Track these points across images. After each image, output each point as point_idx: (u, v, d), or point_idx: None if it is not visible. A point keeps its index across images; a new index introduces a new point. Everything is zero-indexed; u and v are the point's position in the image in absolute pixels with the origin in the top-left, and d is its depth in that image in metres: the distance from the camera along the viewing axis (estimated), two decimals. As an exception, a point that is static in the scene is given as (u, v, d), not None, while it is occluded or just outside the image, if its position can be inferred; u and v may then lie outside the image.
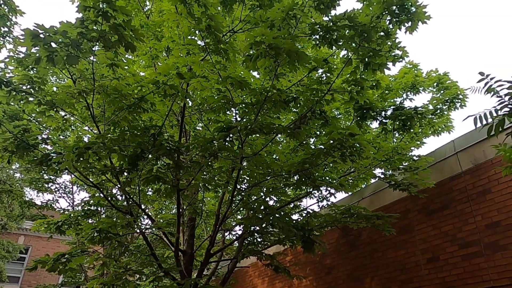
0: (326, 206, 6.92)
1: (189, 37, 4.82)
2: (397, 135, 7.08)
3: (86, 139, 8.92)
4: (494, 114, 2.95)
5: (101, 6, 3.90)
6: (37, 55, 4.24)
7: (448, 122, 8.17)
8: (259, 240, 6.82)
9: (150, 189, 8.13)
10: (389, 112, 6.21)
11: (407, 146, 6.04)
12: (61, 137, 8.35)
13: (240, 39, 6.73)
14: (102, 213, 7.73)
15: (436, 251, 5.79)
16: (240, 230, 7.81)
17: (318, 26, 4.53)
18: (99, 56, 4.50)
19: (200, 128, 8.07)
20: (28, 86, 5.36)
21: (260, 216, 5.50)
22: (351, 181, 7.18)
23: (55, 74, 6.41)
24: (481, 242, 5.21)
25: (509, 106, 2.82)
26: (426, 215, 6.14)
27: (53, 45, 4.07)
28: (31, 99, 5.45)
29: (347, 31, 4.60)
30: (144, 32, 7.20)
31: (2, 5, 4.63)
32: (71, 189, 12.95)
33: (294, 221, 5.68)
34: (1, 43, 5.04)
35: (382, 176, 6.20)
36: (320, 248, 5.62)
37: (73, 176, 6.76)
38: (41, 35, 3.94)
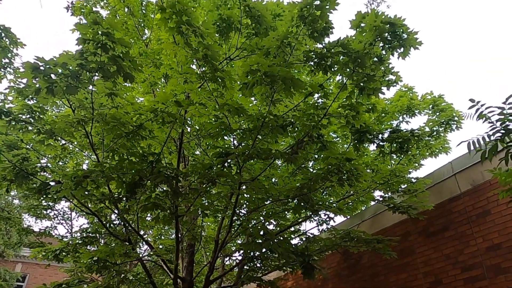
0: (326, 230, 6.87)
1: (187, 66, 4.91)
2: (394, 157, 7.12)
3: (85, 166, 8.95)
4: (487, 139, 2.99)
5: (100, 38, 4.00)
6: (37, 85, 4.32)
7: (445, 143, 8.22)
8: (259, 265, 6.74)
9: (149, 215, 8.10)
10: (386, 135, 6.26)
11: (405, 168, 6.06)
12: (59, 163, 8.38)
13: (237, 65, 6.86)
14: (100, 239, 7.66)
15: (439, 274, 5.72)
16: (240, 255, 7.73)
17: (312, 53, 4.63)
18: (98, 86, 4.58)
19: (199, 153, 8.10)
20: (28, 116, 5.42)
21: (260, 242, 5.46)
22: (350, 204, 7.17)
23: (55, 104, 6.51)
24: (483, 265, 5.16)
25: (501, 131, 2.87)
26: (427, 237, 6.09)
27: (53, 76, 4.15)
28: (30, 128, 5.50)
29: (341, 57, 4.70)
30: (143, 59, 7.35)
31: (4, 38, 4.74)
32: (69, 216, 12.86)
33: (293, 246, 5.64)
34: (1, 74, 5.13)
35: (381, 199, 6.19)
36: (321, 273, 5.55)
37: (71, 202, 6.75)
38: (41, 67, 4.02)
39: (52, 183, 5.72)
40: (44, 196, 5.82)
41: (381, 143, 6.29)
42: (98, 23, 3.97)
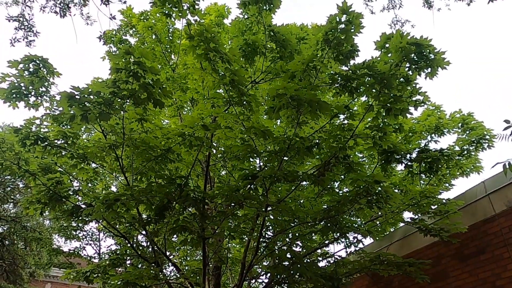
0: (354, 252, 6.72)
1: (214, 91, 5.04)
2: (424, 177, 6.95)
3: (113, 188, 9.17)
4: (524, 161, 2.90)
5: (132, 67, 4.17)
6: (72, 112, 4.52)
7: (477, 162, 7.98)
8: (286, 288, 6.63)
9: (175, 236, 8.17)
10: (414, 155, 6.14)
11: (435, 189, 5.89)
12: (89, 184, 8.63)
13: (262, 88, 6.95)
14: (128, 260, 7.77)
15: (475, 301, 5.47)
16: (267, 278, 7.64)
17: (338, 75, 4.66)
18: (129, 112, 4.74)
19: (224, 174, 8.17)
20: (62, 141, 5.65)
21: (286, 264, 5.39)
22: (379, 225, 7.01)
23: (88, 130, 6.76)
24: (523, 291, 4.91)
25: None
26: (461, 261, 5.86)
27: (87, 104, 4.34)
28: (64, 153, 5.72)
29: (367, 79, 4.70)
30: (170, 84, 7.57)
31: (42, 68, 5.00)
32: (97, 236, 13.11)
33: (322, 270, 5.54)
34: (39, 102, 5.39)
35: (411, 221, 6.03)
36: (351, 298, 5.41)
37: (100, 224, 6.91)
38: (76, 96, 4.21)
39: (83, 206, 5.89)
40: (76, 218, 5.99)
41: (409, 163, 6.17)
42: (130, 53, 4.15)
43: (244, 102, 4.88)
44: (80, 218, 6.00)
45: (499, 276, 5.28)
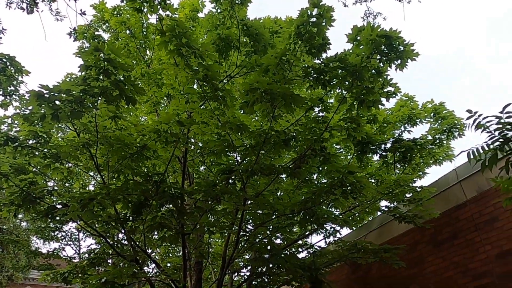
0: (333, 242, 6.84)
1: (188, 86, 5.00)
2: (398, 167, 7.11)
3: (91, 187, 9.02)
4: (486, 149, 3.01)
5: (102, 64, 4.09)
6: (42, 111, 4.41)
7: (449, 151, 8.21)
8: (267, 281, 6.70)
9: (155, 233, 8.12)
10: (388, 145, 6.28)
11: (409, 177, 6.05)
12: (66, 184, 8.46)
13: (237, 82, 6.94)
14: (108, 260, 7.68)
15: (449, 283, 5.66)
16: (248, 271, 7.70)
17: (311, 69, 4.70)
18: (101, 110, 4.67)
19: (203, 170, 8.14)
20: (34, 141, 5.51)
21: (267, 257, 5.45)
22: (356, 215, 7.14)
23: (60, 129, 6.62)
24: (494, 272, 5.11)
25: (500, 140, 2.89)
26: (436, 246, 6.05)
27: (57, 102, 4.24)
28: (36, 153, 5.59)
29: (340, 71, 4.76)
30: (145, 80, 7.47)
31: (9, 67, 4.86)
32: (77, 236, 12.90)
33: (301, 261, 5.62)
34: (7, 101, 5.24)
35: (387, 209, 6.18)
36: (329, 287, 5.52)
37: (78, 224, 6.80)
38: (46, 95, 4.12)
39: (59, 206, 5.77)
40: (51, 219, 5.87)
41: (384, 154, 6.30)
42: (100, 50, 4.08)
43: (219, 97, 4.88)
44: (57, 218, 5.89)
45: (471, 259, 5.47)
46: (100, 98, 4.41)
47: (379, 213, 7.71)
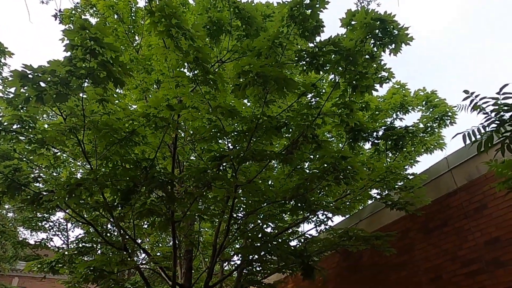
0: (324, 230, 6.83)
1: (178, 70, 4.87)
2: (390, 155, 7.10)
3: (79, 175, 8.85)
4: (482, 131, 2.97)
5: (88, 44, 3.94)
6: (26, 94, 4.25)
7: (440, 139, 8.24)
8: (258, 269, 6.67)
9: (145, 222, 8.02)
10: (380, 133, 6.24)
11: (400, 165, 6.04)
12: (54, 173, 8.27)
13: (228, 68, 6.82)
14: (97, 249, 7.56)
15: (438, 270, 5.69)
16: (239, 259, 7.67)
17: (304, 52, 4.61)
18: (88, 93, 4.52)
19: (194, 158, 8.04)
20: (18, 126, 5.34)
21: (258, 245, 5.40)
22: (348, 203, 7.13)
23: (45, 112, 6.42)
24: (482, 259, 5.14)
25: (496, 122, 2.85)
26: (426, 234, 6.07)
27: (42, 84, 4.08)
28: (21, 138, 5.42)
29: (333, 56, 4.67)
30: (134, 66, 7.29)
31: (-9, 47, 4.67)
32: (65, 227, 12.72)
33: (292, 248, 5.58)
34: (-10, 84, 5.05)
35: (378, 196, 6.17)
36: (320, 274, 5.50)
37: (66, 212, 6.65)
38: (30, 76, 3.96)
39: (45, 193, 5.62)
40: (38, 206, 5.71)
41: (376, 141, 6.27)
42: (86, 28, 3.92)
43: (210, 81, 4.76)
44: (43, 206, 5.74)
45: (460, 246, 5.50)
46: (87, 79, 4.25)
47: (370, 201, 7.72)
